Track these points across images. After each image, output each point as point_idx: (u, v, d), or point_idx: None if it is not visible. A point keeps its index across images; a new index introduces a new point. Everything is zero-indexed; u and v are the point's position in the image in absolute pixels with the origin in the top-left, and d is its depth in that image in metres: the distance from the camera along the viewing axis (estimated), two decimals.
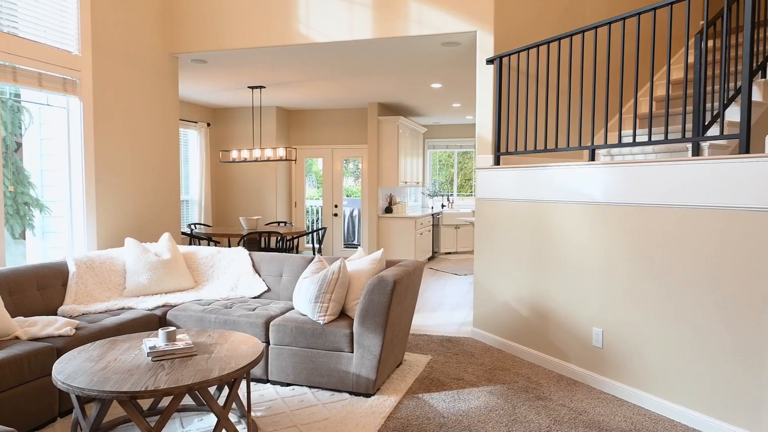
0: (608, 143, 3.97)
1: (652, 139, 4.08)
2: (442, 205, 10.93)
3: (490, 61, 4.40)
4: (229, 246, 7.47)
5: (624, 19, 3.27)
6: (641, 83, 5.71)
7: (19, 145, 4.69)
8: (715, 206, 2.76)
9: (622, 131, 4.52)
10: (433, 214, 9.81)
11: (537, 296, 3.95)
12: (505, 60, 4.41)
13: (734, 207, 2.68)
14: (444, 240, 10.10)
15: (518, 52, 4.08)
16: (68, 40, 4.26)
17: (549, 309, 3.84)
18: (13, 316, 3.31)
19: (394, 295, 3.24)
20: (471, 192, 11.47)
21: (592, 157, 3.63)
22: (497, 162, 4.42)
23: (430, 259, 9.62)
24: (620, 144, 3.35)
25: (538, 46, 3.90)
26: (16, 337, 3.00)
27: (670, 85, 3.44)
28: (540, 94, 4.47)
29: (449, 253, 10.25)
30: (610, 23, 3.38)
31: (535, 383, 3.55)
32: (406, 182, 9.20)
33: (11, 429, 1.88)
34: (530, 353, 4.00)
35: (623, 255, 3.27)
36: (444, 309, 5.71)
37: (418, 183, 10.12)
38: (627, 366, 3.29)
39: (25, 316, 3.38)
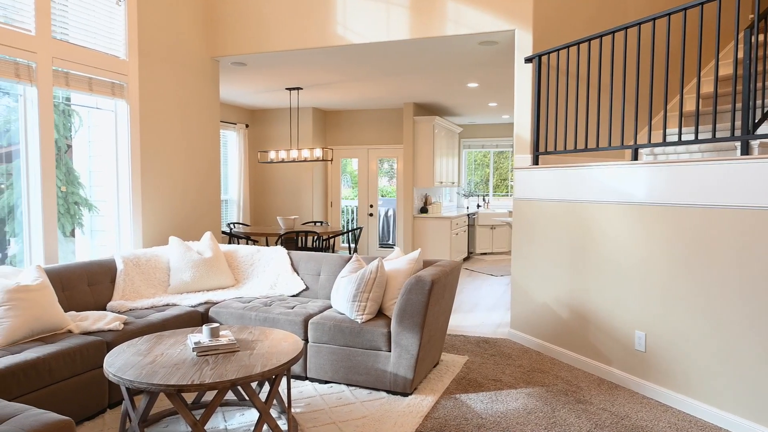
0: (652, 142, 3.88)
1: (699, 137, 3.96)
2: (478, 206, 10.85)
3: (528, 60, 4.35)
4: (267, 245, 7.61)
5: (669, 14, 3.19)
6: (686, 80, 5.54)
7: (69, 146, 4.90)
8: (766, 207, 2.66)
9: (667, 130, 4.41)
10: (468, 215, 9.75)
11: (576, 298, 3.89)
12: (543, 58, 4.36)
13: None
14: (479, 240, 10.02)
15: (558, 50, 4.02)
16: (116, 46, 4.42)
17: (588, 311, 3.78)
18: (65, 311, 3.46)
19: (432, 295, 3.25)
20: (507, 192, 11.34)
21: (635, 157, 3.55)
22: (536, 162, 4.36)
23: (465, 259, 9.56)
24: (665, 143, 3.27)
25: (578, 43, 3.83)
26: (69, 331, 3.14)
27: (718, 82, 3.32)
28: (580, 93, 4.40)
29: (485, 253, 10.17)
30: (654, 19, 3.30)
31: (575, 386, 3.49)
32: (441, 182, 9.18)
33: (67, 418, 1.97)
34: (569, 356, 3.94)
35: (667, 256, 3.19)
36: (480, 310, 5.67)
37: (453, 183, 10.07)
38: (671, 370, 3.20)
39: (76, 311, 3.53)
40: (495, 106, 8.66)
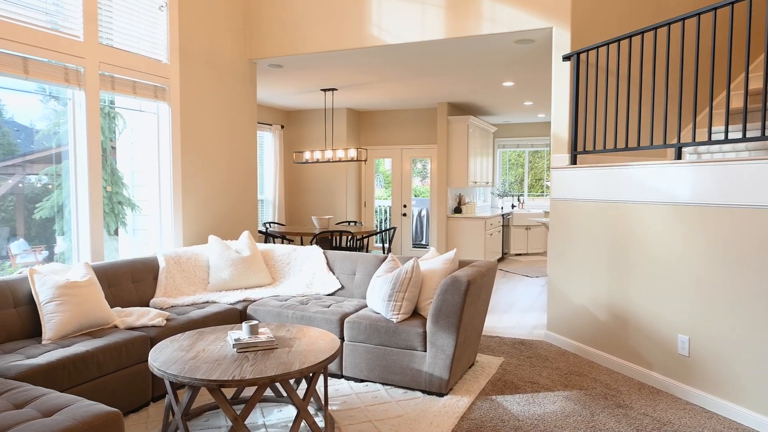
0: (697, 141, 3.77)
1: (747, 135, 3.82)
2: (513, 206, 10.73)
3: (566, 58, 4.28)
4: (302, 244, 7.70)
5: (715, 9, 3.09)
6: (733, 75, 5.35)
7: (113, 148, 5.06)
8: None
9: (713, 128, 4.27)
10: (503, 215, 9.65)
11: (616, 300, 3.80)
12: (582, 56, 4.28)
13: None
14: (514, 241, 9.91)
15: (597, 47, 3.95)
16: (158, 50, 4.55)
17: (629, 314, 3.69)
18: (111, 307, 3.58)
19: (468, 296, 3.23)
20: (542, 192, 11.18)
21: (679, 156, 3.46)
22: (574, 161, 4.29)
23: (499, 260, 9.47)
24: (711, 141, 3.17)
25: (618, 40, 3.75)
26: (115, 326, 3.25)
27: None
28: (621, 91, 4.30)
29: (519, 254, 10.04)
30: (699, 14, 3.20)
31: (615, 390, 3.42)
32: (475, 182, 9.11)
33: (116, 410, 2.05)
34: (608, 359, 3.86)
35: (712, 259, 3.09)
36: (515, 311, 5.61)
37: (487, 183, 9.99)
38: (717, 376, 3.10)
39: (121, 307, 3.65)
40: (530, 105, 8.55)
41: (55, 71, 3.71)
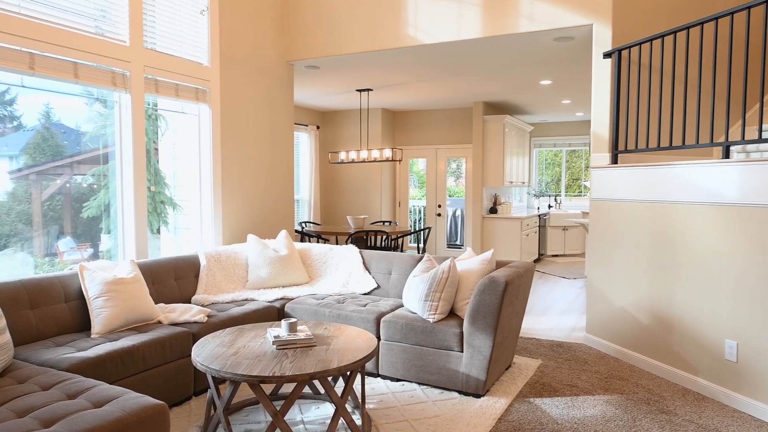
0: (746, 139, 3.64)
1: None
2: (549, 206, 10.56)
3: (607, 55, 4.19)
4: (337, 243, 7.76)
5: (766, 2, 2.97)
6: None
7: (156, 149, 5.22)
8: None
9: (763, 125, 4.11)
10: (539, 215, 9.51)
11: (658, 303, 3.70)
12: (624, 53, 4.18)
13: None
14: (551, 242, 9.75)
15: (639, 43, 3.85)
16: (200, 53, 4.67)
17: (672, 317, 3.59)
18: (155, 303, 3.69)
19: (506, 297, 3.20)
20: (579, 192, 10.97)
21: (727, 155, 3.34)
22: (614, 161, 4.20)
23: (536, 261, 9.33)
24: (762, 140, 3.05)
25: (662, 36, 3.65)
26: (159, 322, 3.35)
27: None
28: (665, 88, 4.19)
29: (556, 255, 9.88)
30: (749, 7, 3.09)
31: (658, 396, 3.33)
32: (511, 182, 9.01)
33: (162, 402, 2.11)
34: (650, 363, 3.76)
35: (763, 261, 2.98)
36: (553, 313, 5.52)
37: (523, 183, 9.86)
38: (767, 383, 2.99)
39: (165, 303, 3.76)
40: (568, 103, 8.40)
41: (103, 75, 3.85)
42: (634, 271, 3.92)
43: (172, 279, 3.91)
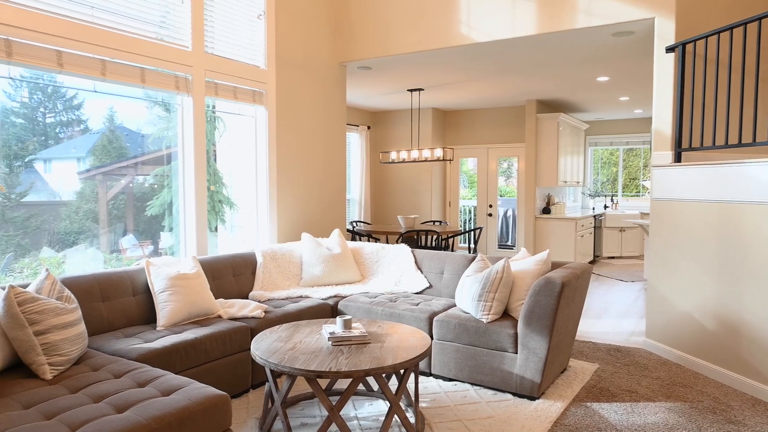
0: None
1: None
2: (605, 206, 10.24)
3: (670, 49, 4.03)
4: (387, 243, 7.80)
5: None
6: None
7: (214, 150, 5.40)
8: None
9: None
10: (594, 216, 9.24)
11: (726, 308, 3.53)
12: (688, 47, 4.01)
13: None
14: (607, 243, 9.46)
15: (705, 37, 3.69)
16: (257, 56, 4.80)
17: (742, 323, 3.42)
18: (215, 298, 3.83)
19: (562, 298, 3.14)
20: (637, 192, 10.58)
21: None
22: (678, 159, 4.03)
23: (591, 262, 9.07)
24: None
25: (731, 28, 3.48)
26: (219, 316, 3.47)
27: None
28: (733, 82, 3.98)
29: (612, 257, 9.57)
30: None
31: (724, 405, 3.18)
32: (565, 182, 8.80)
33: (224, 393, 2.20)
34: (716, 371, 3.60)
35: None
36: (610, 316, 5.36)
37: (578, 182, 9.60)
38: None
39: (224, 299, 3.89)
40: (627, 100, 8.12)
41: (167, 79, 4.02)
42: (698, 274, 3.75)
43: (231, 275, 4.05)
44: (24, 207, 3.84)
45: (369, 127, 9.53)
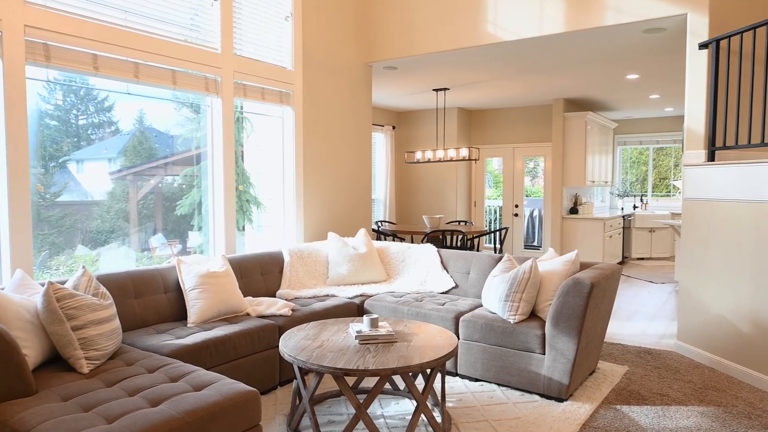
0: None
1: None
2: (634, 206, 10.05)
3: (703, 46, 3.94)
4: (412, 243, 7.80)
5: None
6: None
7: (241, 150, 5.48)
8: None
9: None
10: (623, 216, 9.08)
11: (762, 310, 3.44)
12: (722, 43, 3.92)
13: None
14: (636, 244, 9.29)
15: (741, 32, 3.59)
16: (284, 57, 4.85)
17: None
18: (243, 296, 3.88)
19: (591, 299, 3.10)
20: (667, 192, 10.36)
21: None
22: (711, 158, 3.94)
23: (619, 263, 8.91)
24: None
25: None
26: (247, 314, 3.52)
27: None
28: None
29: (642, 258, 9.39)
30: None
31: (760, 410, 3.10)
32: (593, 181, 8.67)
33: (254, 389, 2.23)
34: (751, 375, 3.50)
35: None
36: (640, 318, 5.26)
37: (606, 182, 9.45)
38: None
39: (252, 297, 3.95)
40: (657, 98, 7.96)
41: (197, 81, 4.10)
42: (733, 276, 3.66)
43: (259, 274, 4.10)
44: (58, 206, 3.96)
45: (394, 127, 9.54)
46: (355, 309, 4.01)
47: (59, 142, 3.94)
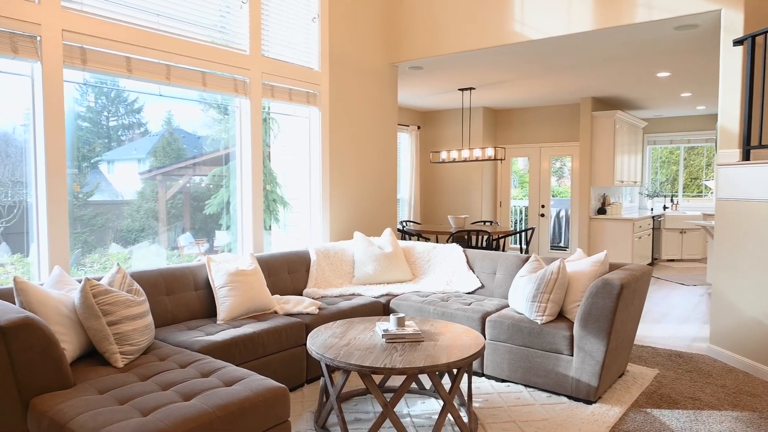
0: None
1: None
2: (664, 207, 9.85)
3: (738, 42, 3.85)
4: (437, 242, 7.79)
5: None
6: None
7: (268, 150, 5.54)
8: None
9: None
10: (653, 217, 8.91)
11: None
12: (758, 39, 3.82)
13: None
14: (666, 245, 9.10)
15: None
16: (311, 58, 4.90)
17: None
18: (271, 294, 3.93)
19: (621, 300, 3.05)
20: (699, 192, 10.12)
21: None
22: (746, 157, 3.84)
23: (649, 265, 8.74)
24: None
25: None
26: (275, 312, 3.57)
27: None
28: None
29: (672, 260, 9.20)
30: None
31: None
32: (622, 181, 8.52)
33: (283, 385, 2.26)
34: None
35: None
36: (670, 321, 5.16)
37: (635, 182, 9.28)
38: None
39: (279, 295, 3.99)
40: (689, 96, 7.79)
41: (226, 83, 4.17)
42: None
43: (286, 272, 4.15)
44: (90, 206, 4.07)
45: (419, 127, 9.53)
46: (381, 308, 4.02)
47: (91, 143, 4.05)
